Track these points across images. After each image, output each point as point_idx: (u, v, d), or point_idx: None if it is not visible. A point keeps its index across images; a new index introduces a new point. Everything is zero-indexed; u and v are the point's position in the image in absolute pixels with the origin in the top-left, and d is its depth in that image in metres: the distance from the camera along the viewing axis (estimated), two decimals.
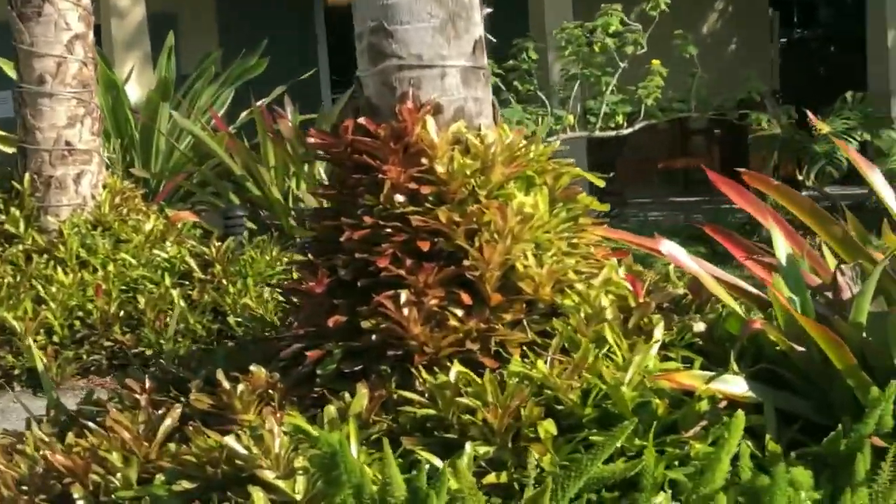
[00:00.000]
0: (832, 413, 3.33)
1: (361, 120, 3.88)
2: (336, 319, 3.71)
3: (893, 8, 13.32)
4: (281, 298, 5.72)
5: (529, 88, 8.47)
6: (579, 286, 3.71)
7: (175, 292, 7.39)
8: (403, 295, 3.63)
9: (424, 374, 3.53)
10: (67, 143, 7.89)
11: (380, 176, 3.76)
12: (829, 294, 3.60)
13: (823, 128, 12.26)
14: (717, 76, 10.79)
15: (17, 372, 7.13)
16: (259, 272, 7.69)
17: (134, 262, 7.75)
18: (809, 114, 12.07)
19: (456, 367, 3.50)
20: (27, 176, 7.85)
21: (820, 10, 18.81)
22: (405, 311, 3.60)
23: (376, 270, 3.70)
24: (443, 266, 3.68)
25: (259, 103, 9.63)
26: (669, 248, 3.75)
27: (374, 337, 3.67)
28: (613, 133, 8.71)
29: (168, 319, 7.22)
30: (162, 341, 7.23)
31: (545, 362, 3.43)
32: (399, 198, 3.76)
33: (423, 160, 3.78)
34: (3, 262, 7.57)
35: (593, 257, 3.87)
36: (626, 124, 8.62)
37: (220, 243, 7.74)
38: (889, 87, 13.67)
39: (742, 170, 3.89)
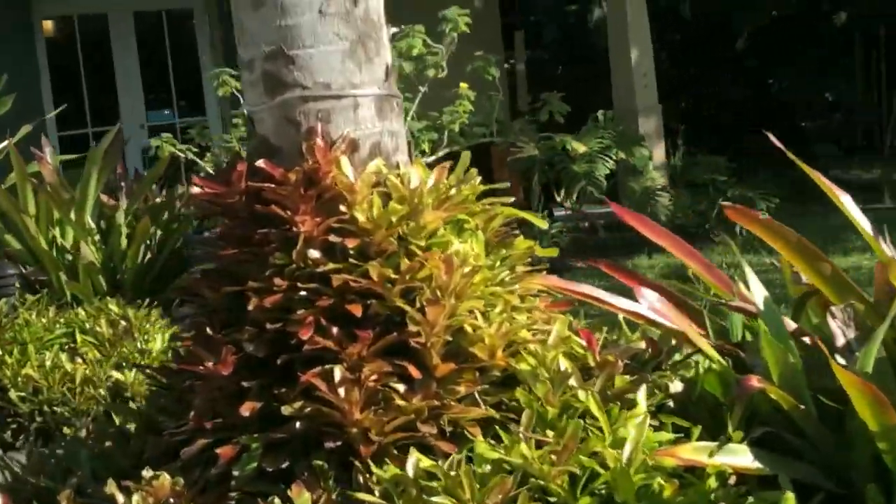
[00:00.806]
0: (848, 479, 2.95)
1: (260, 163, 3.27)
2: (250, 406, 3.08)
3: (635, 26, 13.39)
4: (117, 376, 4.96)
5: None
6: (533, 347, 3.21)
7: None
8: (338, 371, 3.03)
9: (374, 469, 2.95)
10: None
11: (293, 229, 3.16)
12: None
13: (580, 147, 12.20)
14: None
15: None
16: (38, 337, 6.83)
17: None
18: (570, 138, 11.98)
19: (414, 455, 2.93)
20: None
21: (564, 30, 18.89)
22: (341, 391, 3.01)
23: (297, 343, 3.10)
24: (379, 334, 3.11)
25: (5, 143, 8.68)
26: (652, 301, 3.29)
27: (297, 425, 3.07)
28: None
29: None
30: None
31: (519, 442, 2.91)
32: (314, 253, 3.17)
33: (342, 207, 3.21)
34: None
35: (539, 311, 3.38)
36: (429, 152, 8.19)
37: None
38: (635, 104, 13.75)
39: (727, 204, 3.51)
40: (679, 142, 14.48)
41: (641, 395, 3.05)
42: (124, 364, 6.78)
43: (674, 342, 3.47)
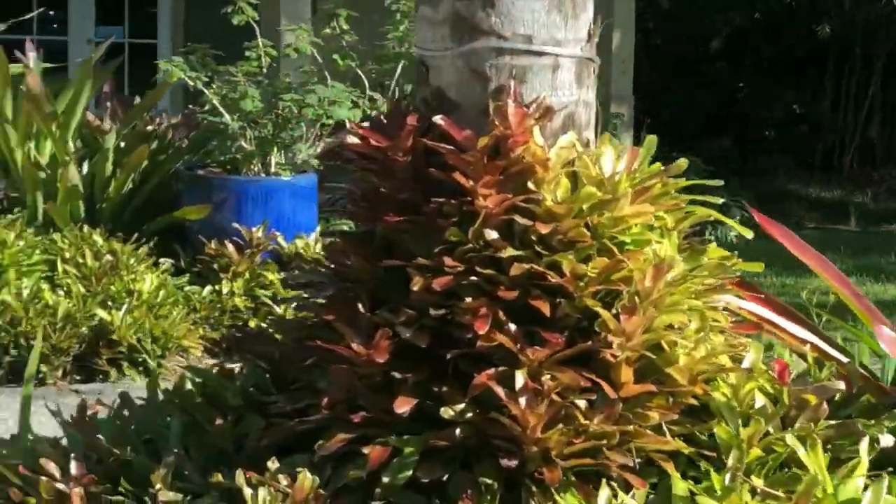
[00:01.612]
0: None
1: (439, 119, 2.80)
2: (406, 402, 2.63)
3: (620, 9, 13.06)
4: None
5: (350, 63, 7.40)
6: (732, 376, 2.79)
7: None
8: (520, 377, 2.59)
9: (559, 499, 2.52)
10: None
11: (474, 202, 2.70)
12: None
13: None
14: None
15: None
16: (16, 261, 6.26)
17: None
18: None
19: (606, 490, 2.51)
20: None
21: None
22: (523, 400, 2.57)
23: (465, 337, 2.65)
24: (568, 339, 2.67)
25: None
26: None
27: (458, 431, 2.63)
28: None
29: None
30: None
31: (736, 488, 2.50)
32: (491, 234, 2.72)
33: (529, 184, 2.76)
34: None
35: (731, 332, 2.96)
36: None
37: None
38: (609, 90, 13.42)
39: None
40: (642, 135, 14.14)
41: (864, 449, 2.66)
42: (111, 303, 6.25)
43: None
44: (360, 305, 2.74)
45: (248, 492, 2.55)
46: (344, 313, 2.78)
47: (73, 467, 2.81)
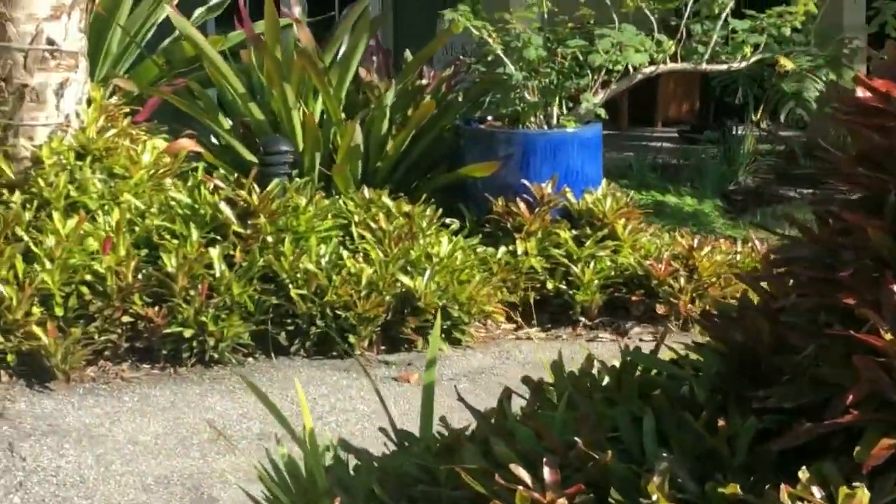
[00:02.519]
0: None
1: None
2: None
3: None
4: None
5: (640, 5, 7.00)
6: None
7: (214, 252, 5.72)
8: None
9: None
10: (50, 42, 6.04)
11: None
12: None
13: (788, 65, 11.25)
14: None
15: (7, 357, 5.36)
16: (312, 227, 6.07)
17: (141, 205, 6.01)
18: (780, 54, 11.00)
19: None
20: None
21: None
22: None
23: None
24: None
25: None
26: None
27: None
28: (725, 67, 7.38)
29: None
30: (203, 318, 5.57)
31: None
32: None
33: None
34: None
35: None
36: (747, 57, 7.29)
37: (257, 186, 6.06)
38: (842, 20, 12.72)
39: None
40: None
41: None
42: (410, 268, 6.02)
43: None
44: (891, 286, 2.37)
45: None
46: (866, 295, 2.41)
47: (547, 473, 2.52)
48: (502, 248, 6.46)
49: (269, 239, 5.88)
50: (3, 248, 5.51)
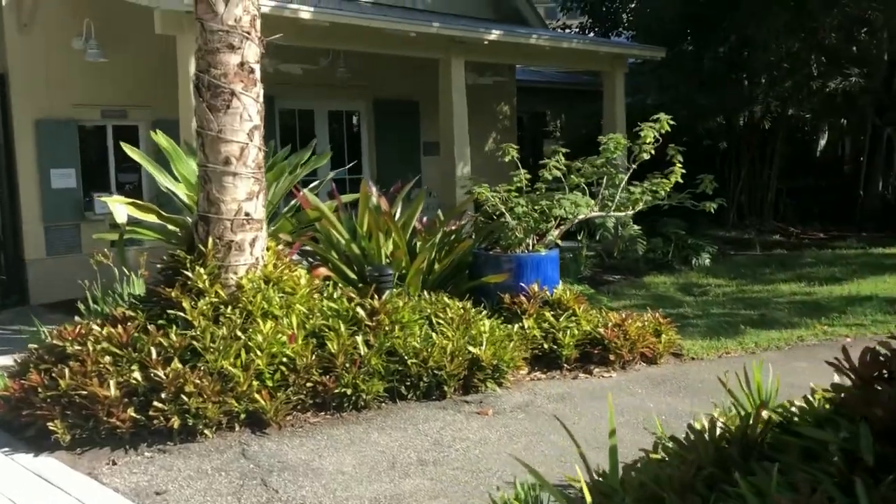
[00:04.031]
0: None
1: None
2: None
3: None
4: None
5: (580, 180, 6.52)
6: None
7: (359, 339, 5.01)
8: None
9: None
10: (246, 214, 5.30)
11: None
12: None
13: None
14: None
15: (241, 415, 4.55)
16: (413, 320, 5.39)
17: (306, 311, 5.28)
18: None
19: None
20: (210, 240, 5.23)
21: None
22: None
23: None
24: None
25: (329, 177, 7.15)
26: None
27: None
28: (623, 214, 6.92)
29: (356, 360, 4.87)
30: (357, 381, 4.84)
31: None
32: None
33: None
34: (197, 314, 4.94)
35: None
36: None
37: (376, 296, 5.38)
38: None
39: None
40: None
41: None
42: (472, 341, 5.37)
43: None
44: None
45: None
46: None
47: None
48: (517, 325, 5.85)
49: (388, 328, 5.20)
50: (231, 344, 4.73)
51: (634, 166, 6.84)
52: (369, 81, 10.76)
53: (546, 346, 5.79)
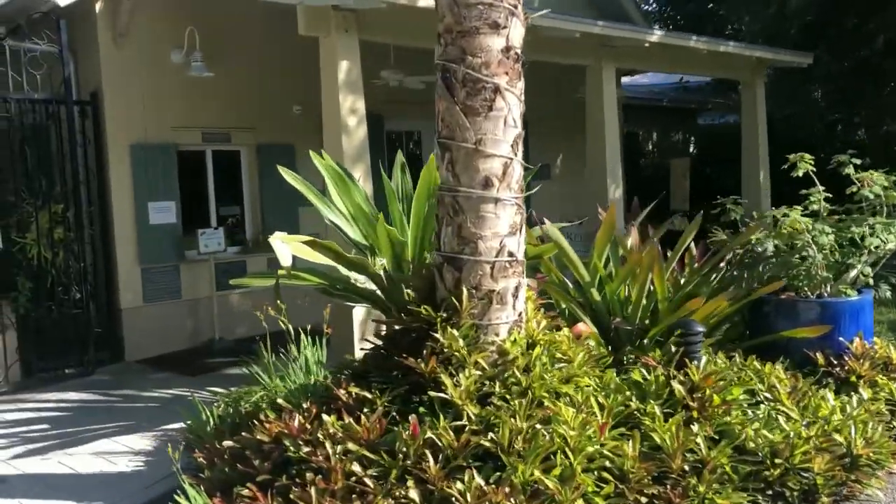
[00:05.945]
0: None
1: None
2: None
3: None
4: None
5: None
6: None
7: (696, 428, 3.53)
8: None
9: None
10: (510, 254, 3.89)
11: None
12: None
13: None
14: None
15: None
16: (734, 399, 3.90)
17: (594, 385, 3.83)
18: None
19: None
20: (464, 290, 3.82)
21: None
22: None
23: None
24: None
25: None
26: None
27: None
28: None
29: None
30: (709, 495, 3.34)
31: None
32: None
33: None
34: (464, 396, 3.52)
35: None
36: None
37: (694, 363, 3.91)
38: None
39: None
40: None
41: None
42: (828, 425, 3.85)
43: None
44: None
45: None
46: None
47: None
48: (854, 397, 4.31)
49: (719, 410, 3.71)
50: (536, 443, 3.29)
51: None
52: None
53: None
